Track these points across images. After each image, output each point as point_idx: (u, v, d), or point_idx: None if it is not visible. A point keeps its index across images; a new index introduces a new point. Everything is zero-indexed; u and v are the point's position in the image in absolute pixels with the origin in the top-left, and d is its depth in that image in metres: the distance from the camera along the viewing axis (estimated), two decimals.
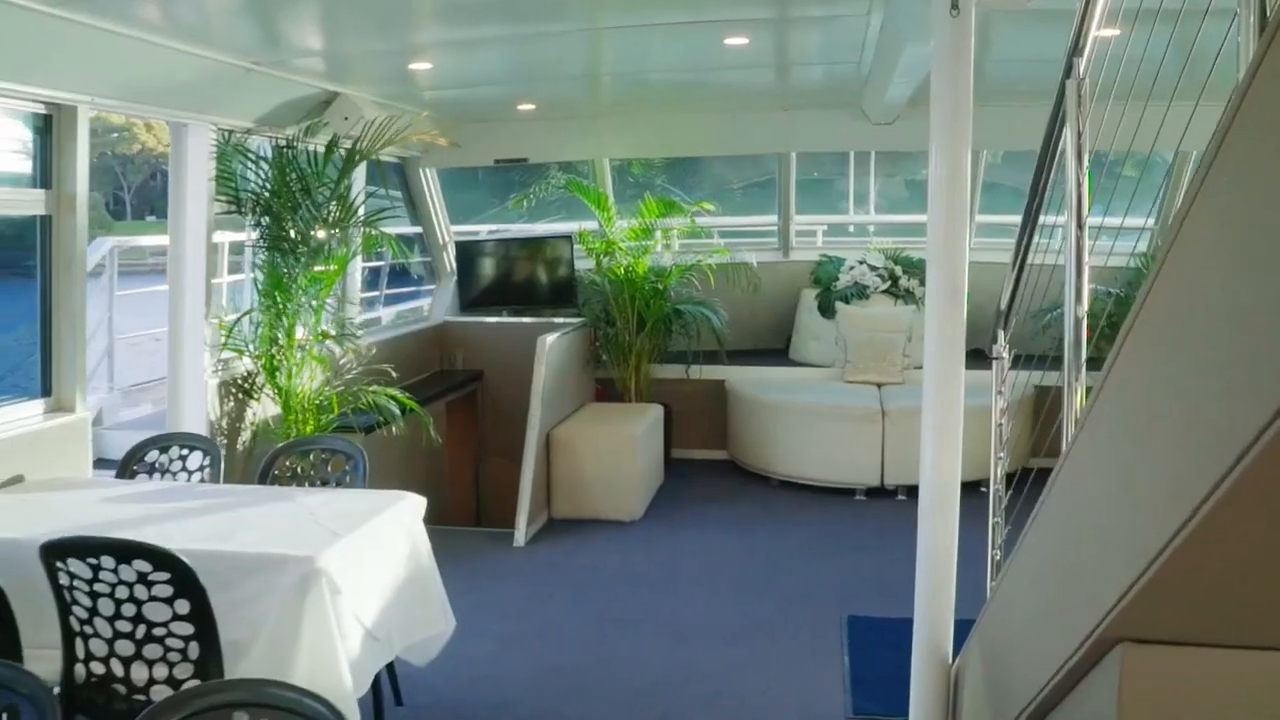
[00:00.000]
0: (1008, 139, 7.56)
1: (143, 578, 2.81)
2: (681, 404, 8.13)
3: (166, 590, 2.82)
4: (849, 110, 7.52)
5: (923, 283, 8.48)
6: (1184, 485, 1.10)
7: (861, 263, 8.38)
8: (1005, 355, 3.54)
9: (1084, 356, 2.51)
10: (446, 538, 6.37)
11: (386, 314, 8.90)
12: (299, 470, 4.17)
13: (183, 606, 2.84)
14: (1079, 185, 2.45)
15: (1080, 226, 2.45)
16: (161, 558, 2.81)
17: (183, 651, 2.88)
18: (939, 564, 3.39)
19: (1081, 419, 1.83)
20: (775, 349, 8.82)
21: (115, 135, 24.87)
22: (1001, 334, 3.52)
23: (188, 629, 2.86)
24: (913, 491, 7.28)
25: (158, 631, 2.86)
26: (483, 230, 9.51)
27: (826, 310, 8.28)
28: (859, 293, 8.22)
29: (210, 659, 2.89)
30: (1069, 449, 1.96)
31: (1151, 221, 8.08)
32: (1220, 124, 1.02)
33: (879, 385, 7.79)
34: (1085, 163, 2.46)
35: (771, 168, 8.70)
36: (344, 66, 5.39)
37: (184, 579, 2.82)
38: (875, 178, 9.76)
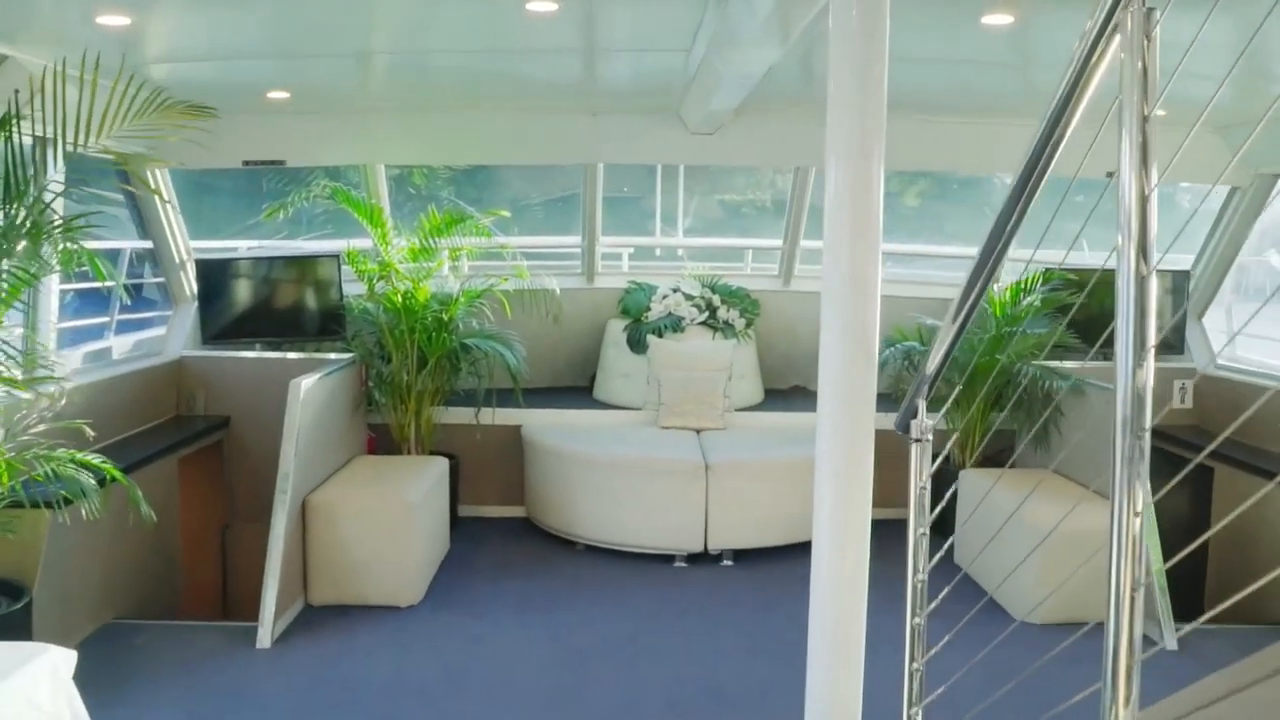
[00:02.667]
0: None
1: None
2: (471, 453, 6.96)
3: None
4: (665, 117, 6.58)
5: (743, 314, 7.66)
6: None
7: (676, 291, 7.45)
8: (929, 436, 2.59)
9: (1147, 448, 1.56)
10: (172, 640, 4.94)
11: (120, 344, 7.34)
12: None
13: None
14: (1143, 195, 1.49)
15: (1146, 260, 1.49)
16: None
17: None
18: None
19: None
20: (577, 387, 7.80)
21: None
22: (922, 406, 2.56)
23: None
24: (740, 556, 6.41)
25: None
26: (242, 246, 8.07)
27: (637, 344, 7.31)
28: (674, 325, 7.28)
29: None
30: None
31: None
32: None
33: (698, 431, 6.85)
34: (1151, 162, 1.49)
35: (575, 181, 7.67)
36: (8, 17, 3.97)
37: None
38: (686, 196, 8.90)
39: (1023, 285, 6.67)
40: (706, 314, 7.37)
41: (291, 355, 6.66)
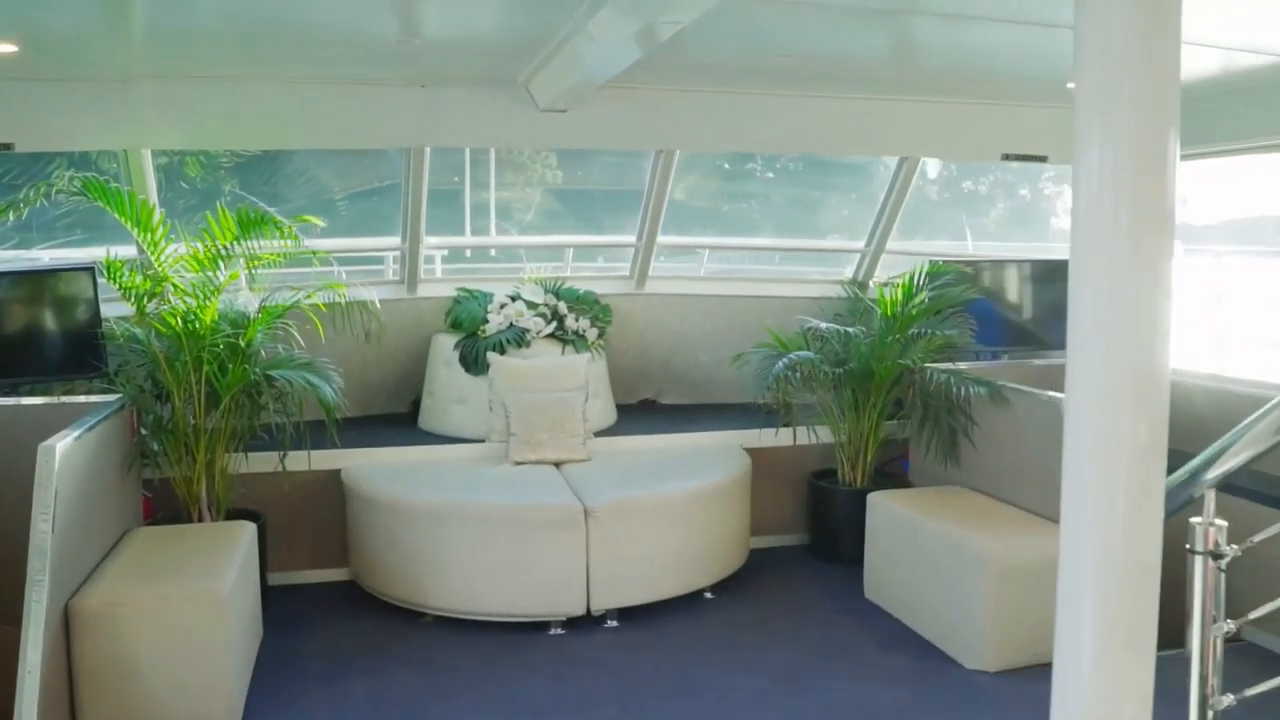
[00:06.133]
0: (717, 136, 5.92)
1: None
2: (279, 508, 5.61)
3: None
4: (508, 91, 5.46)
5: (594, 322, 6.62)
6: None
7: (515, 299, 6.34)
8: (1226, 545, 1.66)
9: None
10: None
11: None
12: None
13: None
14: None
15: None
16: None
17: None
18: None
19: None
20: (396, 414, 6.59)
21: None
22: (1211, 501, 1.64)
23: None
24: (627, 615, 5.40)
25: None
26: None
27: (473, 363, 6.16)
28: (517, 338, 6.17)
29: None
30: None
31: (863, 244, 6.80)
32: None
33: (557, 465, 5.79)
34: None
35: (390, 169, 6.41)
36: None
37: None
38: (524, 190, 7.79)
39: (912, 280, 6.00)
40: (554, 324, 6.30)
41: (29, 401, 5.07)
